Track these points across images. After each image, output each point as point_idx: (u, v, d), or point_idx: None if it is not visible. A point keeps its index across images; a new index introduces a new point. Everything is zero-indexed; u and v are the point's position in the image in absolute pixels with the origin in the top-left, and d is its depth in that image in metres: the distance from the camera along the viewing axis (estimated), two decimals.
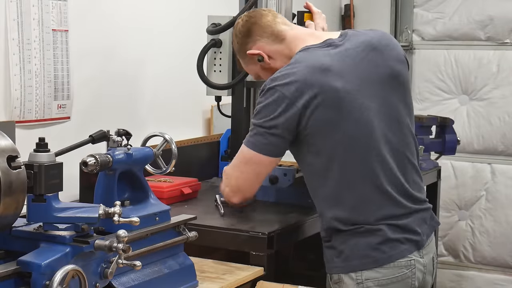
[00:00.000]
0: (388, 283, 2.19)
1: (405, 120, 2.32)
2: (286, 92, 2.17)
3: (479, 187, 4.60)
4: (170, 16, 3.30)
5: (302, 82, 2.16)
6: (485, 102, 4.53)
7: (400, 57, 2.35)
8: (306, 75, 2.17)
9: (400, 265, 2.20)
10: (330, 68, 2.20)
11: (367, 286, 2.17)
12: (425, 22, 4.69)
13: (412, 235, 2.24)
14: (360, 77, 2.23)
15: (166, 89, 3.30)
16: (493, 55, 4.50)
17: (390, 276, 2.19)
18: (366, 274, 2.18)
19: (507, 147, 4.50)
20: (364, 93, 2.22)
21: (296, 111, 2.16)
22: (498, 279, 4.59)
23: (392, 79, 2.29)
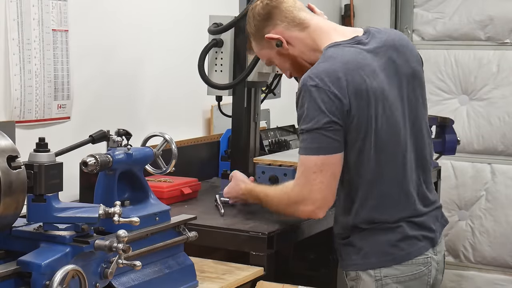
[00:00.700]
0: (406, 280, 2.21)
1: (424, 120, 2.35)
2: (331, 88, 2.11)
3: (479, 187, 4.60)
4: (170, 16, 3.30)
5: (344, 79, 2.13)
6: (485, 102, 4.53)
7: (418, 57, 2.38)
8: (345, 72, 2.15)
9: (418, 262, 2.22)
10: (364, 67, 2.19)
11: (385, 283, 2.19)
12: (425, 22, 4.69)
13: (428, 232, 2.26)
14: (388, 76, 2.24)
15: (166, 89, 3.30)
16: (493, 55, 4.50)
17: (408, 273, 2.21)
18: (385, 271, 2.19)
19: (507, 147, 4.50)
20: (392, 93, 2.24)
21: (343, 104, 2.12)
22: (498, 279, 4.59)
23: (413, 79, 2.32)
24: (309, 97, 2.13)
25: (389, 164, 2.21)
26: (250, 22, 2.40)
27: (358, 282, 2.22)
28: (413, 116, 2.30)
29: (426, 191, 2.30)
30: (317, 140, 2.13)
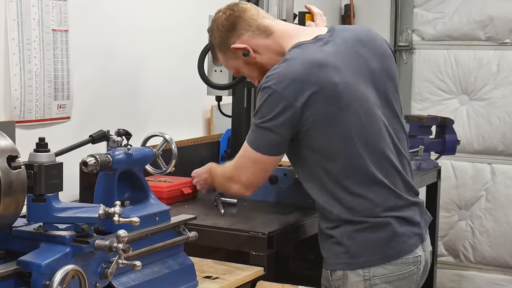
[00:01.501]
0: (395, 279, 2.20)
1: (398, 113, 2.35)
2: (283, 92, 2.15)
3: (479, 187, 4.60)
4: (170, 16, 3.29)
5: (300, 81, 2.16)
6: (485, 102, 4.53)
7: (387, 51, 2.37)
8: (303, 72, 2.17)
9: (408, 261, 2.22)
10: (326, 63, 2.19)
11: (374, 283, 2.18)
12: (425, 22, 4.69)
13: (416, 228, 2.26)
14: (354, 71, 2.24)
15: (166, 89, 3.30)
16: (493, 55, 4.50)
17: (397, 272, 2.20)
18: (374, 270, 2.18)
19: (507, 147, 4.50)
20: (361, 87, 2.23)
21: (296, 110, 2.16)
22: (498, 279, 4.59)
23: (382, 72, 2.31)
24: (262, 98, 2.19)
25: (365, 155, 2.20)
26: (214, 34, 2.40)
27: (345, 281, 2.20)
28: (388, 108, 2.30)
29: (409, 180, 2.30)
30: (259, 138, 2.22)
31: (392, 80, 2.35)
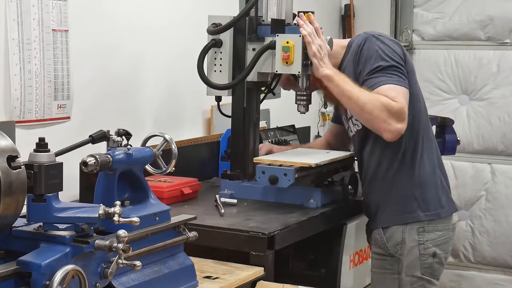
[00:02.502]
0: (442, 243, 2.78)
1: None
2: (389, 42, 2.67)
3: (479, 187, 4.59)
4: (169, 16, 3.29)
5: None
6: (485, 102, 4.53)
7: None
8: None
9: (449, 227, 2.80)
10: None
11: (427, 247, 2.72)
12: (425, 22, 4.68)
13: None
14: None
15: (166, 88, 3.30)
16: (493, 55, 4.50)
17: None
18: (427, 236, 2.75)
19: (507, 147, 4.49)
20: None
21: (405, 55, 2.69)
22: (498, 279, 4.59)
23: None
24: (378, 43, 2.63)
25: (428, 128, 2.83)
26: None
27: (403, 246, 2.67)
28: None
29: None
30: (398, 77, 2.59)
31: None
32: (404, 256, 2.68)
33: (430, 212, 2.70)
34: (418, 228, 2.68)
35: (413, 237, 2.67)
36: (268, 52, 2.79)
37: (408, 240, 2.68)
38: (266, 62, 2.81)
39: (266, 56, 2.80)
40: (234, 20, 2.77)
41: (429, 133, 2.79)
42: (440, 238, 2.71)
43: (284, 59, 2.69)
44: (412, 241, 2.68)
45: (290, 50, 2.68)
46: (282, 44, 2.69)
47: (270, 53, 2.79)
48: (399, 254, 2.69)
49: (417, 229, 2.68)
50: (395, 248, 2.69)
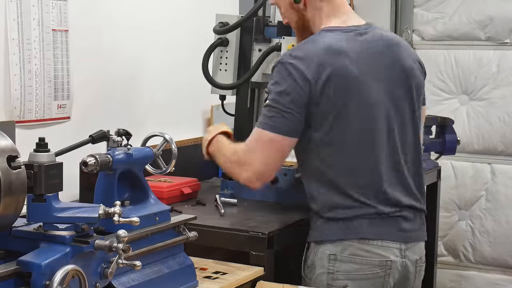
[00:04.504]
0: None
1: (413, 124, 2.41)
2: (301, 68, 2.22)
3: (479, 187, 4.59)
4: (169, 15, 3.30)
5: (317, 63, 2.22)
6: (485, 102, 4.53)
7: (415, 60, 2.47)
8: (323, 55, 2.23)
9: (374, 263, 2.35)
10: (346, 53, 2.26)
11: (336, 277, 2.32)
12: (425, 22, 4.68)
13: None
14: (372, 70, 2.30)
15: (166, 89, 3.30)
16: (493, 55, 4.50)
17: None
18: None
19: (507, 147, 4.49)
20: (373, 86, 2.28)
21: (311, 89, 2.21)
22: (498, 279, 4.59)
23: (404, 78, 2.38)
24: (281, 73, 2.24)
25: (359, 155, 2.28)
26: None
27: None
28: (398, 116, 2.35)
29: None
30: (274, 119, 2.24)
31: (410, 88, 2.42)
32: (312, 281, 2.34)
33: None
34: (329, 254, 2.31)
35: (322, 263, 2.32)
36: (274, 53, 2.80)
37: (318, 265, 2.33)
38: (271, 64, 2.81)
39: (272, 58, 2.81)
40: (241, 20, 2.76)
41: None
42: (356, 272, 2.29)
43: None
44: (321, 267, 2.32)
45: None
46: (288, 47, 2.69)
47: (275, 55, 2.80)
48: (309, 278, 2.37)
49: (329, 255, 2.31)
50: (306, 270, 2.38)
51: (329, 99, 2.23)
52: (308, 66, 2.22)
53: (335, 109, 2.24)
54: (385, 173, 2.31)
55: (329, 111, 2.24)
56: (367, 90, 2.27)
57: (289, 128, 2.24)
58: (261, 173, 2.30)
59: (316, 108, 2.23)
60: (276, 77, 2.25)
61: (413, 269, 2.37)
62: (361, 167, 2.29)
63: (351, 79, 2.24)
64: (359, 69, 2.26)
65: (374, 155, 2.30)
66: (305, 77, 2.21)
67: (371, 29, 2.38)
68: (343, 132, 2.27)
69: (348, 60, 2.25)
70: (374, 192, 2.30)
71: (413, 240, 2.37)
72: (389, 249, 2.30)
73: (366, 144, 2.29)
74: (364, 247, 2.29)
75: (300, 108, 2.23)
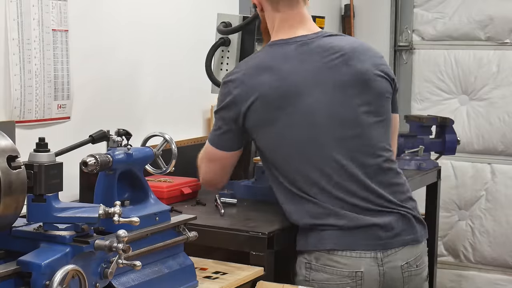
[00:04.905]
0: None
1: (370, 127, 2.36)
2: (232, 90, 2.37)
3: (479, 187, 4.60)
4: (169, 16, 3.29)
5: (246, 84, 2.34)
6: (485, 102, 4.53)
7: (376, 67, 2.39)
8: (252, 75, 2.34)
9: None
10: (275, 69, 2.32)
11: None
12: (425, 22, 4.69)
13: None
14: (314, 79, 2.32)
15: (166, 88, 3.30)
16: (493, 55, 4.50)
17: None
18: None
19: (507, 147, 4.50)
20: (311, 96, 2.30)
21: (239, 107, 2.35)
22: (498, 279, 4.59)
23: (357, 84, 2.34)
24: (220, 92, 2.43)
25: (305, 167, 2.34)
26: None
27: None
28: (348, 123, 2.33)
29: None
30: (214, 133, 2.45)
31: (371, 92, 2.37)
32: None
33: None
34: (305, 262, 2.36)
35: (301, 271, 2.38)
36: None
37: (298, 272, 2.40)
38: None
39: None
40: (246, 22, 2.75)
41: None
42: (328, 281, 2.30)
43: None
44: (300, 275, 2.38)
45: None
46: None
47: None
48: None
49: (305, 264, 2.36)
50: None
51: (259, 115, 2.33)
52: (237, 86, 2.35)
53: (267, 122, 2.34)
54: (346, 183, 2.32)
55: (263, 124, 2.35)
56: (302, 101, 2.30)
57: (227, 143, 2.43)
58: (207, 182, 2.58)
59: (249, 123, 2.36)
60: (219, 94, 2.43)
61: (399, 275, 2.34)
62: (318, 179, 2.32)
63: (280, 94, 2.30)
64: (293, 81, 2.31)
65: (326, 166, 2.32)
66: (234, 96, 2.35)
67: (317, 38, 2.38)
68: (280, 143, 2.34)
69: (276, 76, 2.31)
70: (347, 199, 2.31)
71: (394, 246, 2.33)
72: (361, 260, 2.29)
73: (312, 155, 2.32)
74: (333, 258, 2.30)
75: (234, 123, 2.38)
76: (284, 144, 2.33)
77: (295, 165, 2.34)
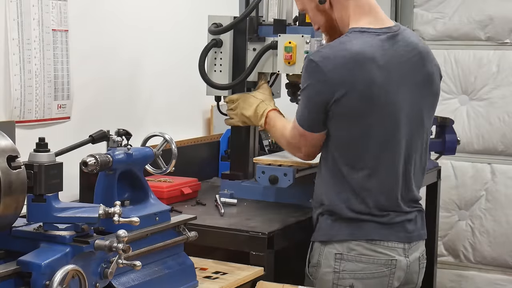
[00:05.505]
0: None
1: (426, 129, 2.43)
2: (325, 70, 2.24)
3: (479, 187, 4.59)
4: (169, 16, 3.29)
5: (342, 67, 2.24)
6: (485, 102, 4.53)
7: (437, 67, 2.44)
8: (349, 59, 2.24)
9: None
10: (374, 59, 2.26)
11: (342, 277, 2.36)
12: (425, 22, 4.68)
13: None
14: (400, 76, 2.30)
15: (166, 89, 3.30)
16: (493, 55, 4.50)
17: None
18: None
19: (507, 147, 4.50)
20: (399, 93, 2.29)
21: (333, 91, 2.24)
22: (498, 279, 4.59)
23: (427, 85, 2.37)
24: (308, 72, 2.29)
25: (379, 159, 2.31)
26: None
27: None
28: (416, 123, 2.36)
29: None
30: (305, 114, 2.33)
31: (433, 95, 2.43)
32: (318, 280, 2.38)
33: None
34: (335, 253, 2.35)
35: (329, 263, 2.35)
36: (269, 52, 2.80)
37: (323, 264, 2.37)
38: (267, 63, 2.82)
39: (267, 57, 2.81)
40: (237, 21, 2.76)
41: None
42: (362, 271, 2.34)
43: (286, 60, 2.70)
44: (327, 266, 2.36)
45: (293, 50, 2.69)
46: (285, 44, 2.70)
47: (271, 53, 2.80)
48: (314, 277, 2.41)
49: (335, 254, 2.35)
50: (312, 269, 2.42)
51: (350, 104, 2.25)
52: (334, 68, 2.24)
53: (357, 113, 2.27)
54: (401, 182, 2.36)
55: (351, 115, 2.28)
56: (392, 97, 2.28)
57: (313, 124, 2.33)
58: (308, 155, 2.46)
59: (337, 109, 2.26)
60: (303, 73, 2.32)
61: (416, 267, 2.42)
62: (381, 175, 2.32)
63: (375, 87, 2.25)
64: (386, 76, 2.27)
65: (394, 164, 2.34)
66: (327, 80, 2.25)
67: (401, 31, 2.36)
68: (366, 136, 2.29)
69: (375, 67, 2.25)
70: (388, 202, 2.34)
71: (416, 239, 2.41)
72: (394, 249, 2.34)
73: (388, 152, 2.32)
74: (371, 247, 2.33)
75: (322, 106, 2.28)
76: (366, 135, 2.29)
77: (373, 158, 2.31)
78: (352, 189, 2.32)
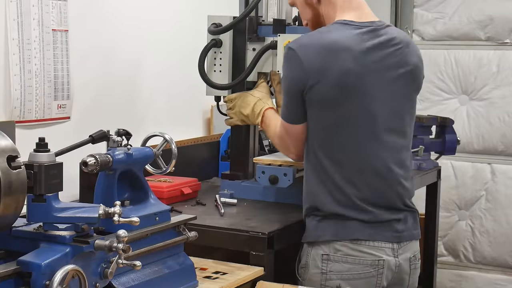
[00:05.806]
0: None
1: (409, 123, 2.41)
2: (302, 58, 2.27)
3: (479, 187, 4.59)
4: (169, 16, 3.30)
5: (318, 55, 2.26)
6: (485, 102, 4.53)
7: (420, 57, 2.46)
8: (325, 51, 2.27)
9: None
10: (349, 49, 2.27)
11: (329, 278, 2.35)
12: (425, 22, 4.68)
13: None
14: (380, 68, 2.31)
15: (166, 89, 3.30)
16: (493, 55, 4.50)
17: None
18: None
19: (507, 147, 4.50)
20: (378, 84, 2.30)
21: (307, 79, 2.27)
22: (498, 279, 4.59)
23: (409, 79, 2.39)
24: (286, 59, 2.32)
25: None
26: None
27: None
28: (397, 116, 2.36)
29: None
30: (285, 104, 2.37)
31: (416, 84, 2.45)
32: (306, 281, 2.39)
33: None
34: (322, 254, 2.35)
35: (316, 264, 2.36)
36: (269, 52, 2.80)
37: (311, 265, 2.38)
38: (266, 62, 2.82)
39: (267, 56, 2.81)
40: (236, 21, 2.77)
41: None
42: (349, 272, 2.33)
43: None
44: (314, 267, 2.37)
45: None
46: (284, 44, 2.70)
47: (270, 53, 2.81)
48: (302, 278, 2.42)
49: (322, 255, 2.36)
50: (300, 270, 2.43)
51: (323, 90, 2.27)
52: (309, 56, 2.27)
53: (330, 101, 2.29)
54: (386, 177, 2.34)
55: (325, 102, 2.29)
56: (369, 88, 2.29)
57: (293, 114, 2.35)
58: (297, 154, 2.46)
59: (312, 96, 2.28)
60: (283, 61, 2.36)
61: (407, 268, 2.40)
62: (364, 169, 2.32)
63: (350, 76, 2.26)
64: (363, 66, 2.28)
65: (379, 159, 2.33)
66: (303, 66, 2.27)
67: (384, 26, 2.39)
68: (341, 126, 2.31)
69: (350, 57, 2.26)
70: (373, 198, 2.34)
71: (406, 239, 2.40)
72: (382, 249, 2.34)
73: (367, 144, 2.32)
74: (356, 248, 2.32)
75: (298, 93, 2.31)
76: (347, 127, 2.31)
77: (352, 150, 2.32)
78: (335, 183, 2.32)
